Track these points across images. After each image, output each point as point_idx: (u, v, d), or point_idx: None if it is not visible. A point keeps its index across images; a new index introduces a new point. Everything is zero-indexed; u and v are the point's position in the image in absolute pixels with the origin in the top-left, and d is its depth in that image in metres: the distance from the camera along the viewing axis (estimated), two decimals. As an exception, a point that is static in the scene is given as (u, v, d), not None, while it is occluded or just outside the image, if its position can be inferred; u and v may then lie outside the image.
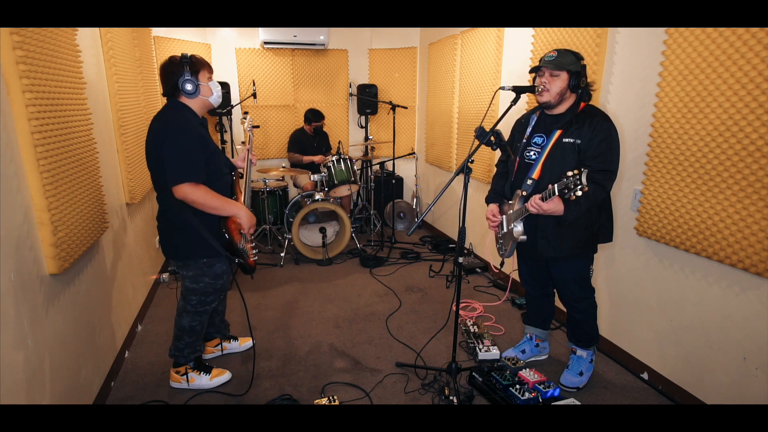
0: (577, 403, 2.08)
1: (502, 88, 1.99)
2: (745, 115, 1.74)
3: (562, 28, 2.66)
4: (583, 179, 1.68)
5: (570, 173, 1.72)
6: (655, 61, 2.11)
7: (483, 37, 3.55)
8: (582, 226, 2.02)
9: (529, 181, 2.03)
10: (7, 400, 1.37)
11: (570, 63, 1.93)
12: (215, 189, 1.97)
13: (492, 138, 1.90)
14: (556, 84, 1.96)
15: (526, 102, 3.05)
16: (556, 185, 1.79)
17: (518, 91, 1.99)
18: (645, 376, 2.33)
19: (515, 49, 3.19)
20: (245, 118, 2.52)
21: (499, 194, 2.27)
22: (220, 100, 2.09)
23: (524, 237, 2.07)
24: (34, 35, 1.67)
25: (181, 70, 1.94)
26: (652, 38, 2.13)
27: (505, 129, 2.32)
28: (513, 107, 1.99)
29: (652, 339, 2.29)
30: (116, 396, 2.21)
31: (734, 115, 1.77)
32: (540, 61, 2.00)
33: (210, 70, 2.04)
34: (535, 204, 1.89)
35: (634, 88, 2.27)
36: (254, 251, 2.21)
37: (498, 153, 2.42)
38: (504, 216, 2.20)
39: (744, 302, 1.83)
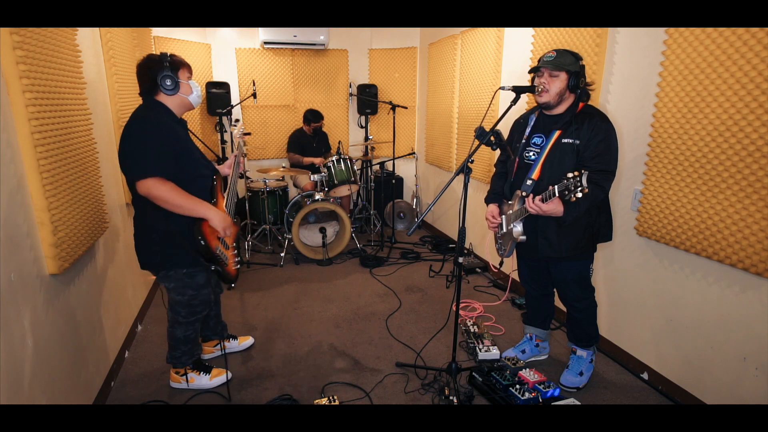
0: (577, 403, 2.08)
1: (502, 88, 1.99)
2: (745, 115, 1.74)
3: (562, 28, 2.66)
4: (584, 181, 1.68)
5: (570, 175, 1.72)
6: (655, 61, 2.11)
7: (483, 37, 3.55)
8: (582, 227, 2.02)
9: (529, 182, 2.03)
10: (7, 400, 1.37)
11: (569, 63, 1.94)
12: (191, 191, 1.88)
13: (492, 138, 1.90)
14: (555, 84, 1.96)
15: (526, 102, 3.04)
16: (556, 187, 1.79)
17: (518, 91, 1.99)
18: (645, 376, 2.33)
19: (515, 49, 3.19)
20: (235, 125, 2.46)
21: (498, 194, 2.27)
22: (200, 100, 2.03)
23: (524, 237, 2.07)
24: (34, 35, 1.67)
25: (160, 67, 1.88)
26: (652, 38, 2.13)
27: (505, 129, 2.32)
28: (513, 107, 1.99)
29: (651, 339, 2.29)
30: (116, 396, 2.21)
31: (734, 115, 1.77)
32: (539, 61, 2.00)
33: (190, 70, 1.99)
34: (535, 205, 1.89)
35: (634, 88, 2.27)
36: (236, 258, 2.10)
37: (497, 153, 2.42)
38: (504, 216, 2.20)
39: (744, 302, 1.83)
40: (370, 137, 5.21)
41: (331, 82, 5.07)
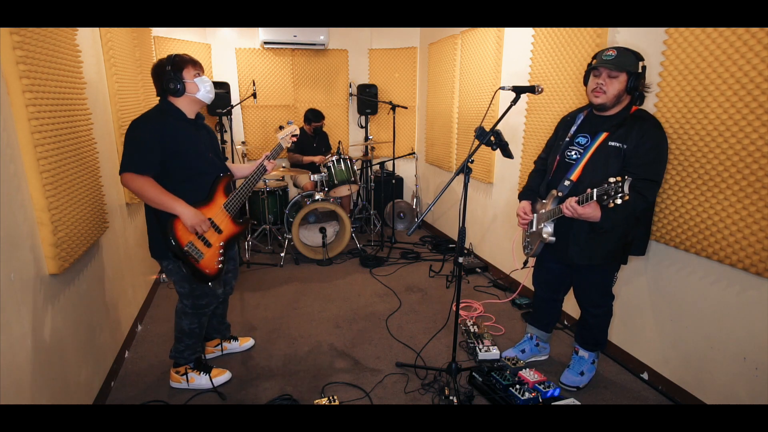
0: (577, 403, 2.08)
1: (502, 88, 1.99)
2: (745, 115, 1.74)
3: (562, 28, 2.66)
4: (626, 188, 1.60)
5: (612, 180, 1.64)
6: (655, 61, 2.11)
7: (483, 37, 3.55)
8: (617, 236, 1.95)
9: (567, 182, 1.96)
10: (7, 400, 1.37)
11: (630, 63, 1.83)
12: (187, 187, 1.95)
13: (492, 138, 1.89)
14: (614, 86, 1.85)
15: (525, 102, 3.05)
16: (595, 190, 1.72)
17: (518, 91, 1.98)
18: (645, 376, 2.33)
19: (515, 49, 3.19)
20: (287, 125, 2.33)
21: (533, 191, 2.20)
22: (212, 95, 2.04)
23: (553, 239, 2.02)
24: (34, 35, 1.67)
25: (163, 71, 1.93)
26: (652, 38, 2.13)
27: (506, 129, 2.32)
28: (513, 107, 1.98)
29: (652, 339, 2.29)
30: (116, 396, 2.21)
31: (734, 115, 1.77)
32: (596, 58, 1.90)
33: (196, 66, 2.00)
34: (571, 207, 1.82)
35: (634, 88, 2.26)
36: (220, 258, 2.06)
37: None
38: (535, 215, 2.14)
39: (744, 302, 1.83)
40: (370, 137, 5.21)
41: (331, 82, 5.07)
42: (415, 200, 5.23)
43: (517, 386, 2.08)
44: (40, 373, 1.59)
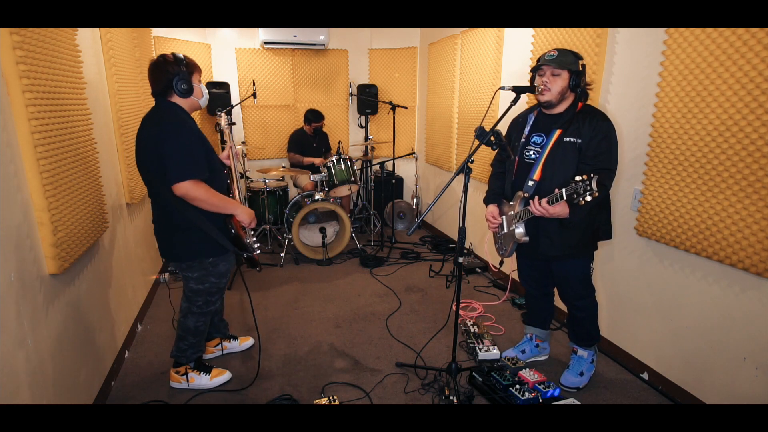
0: (577, 403, 2.08)
1: (502, 88, 1.99)
2: (745, 115, 1.74)
3: (562, 28, 2.66)
4: (594, 185, 1.66)
5: (578, 178, 1.70)
6: (655, 61, 2.11)
7: (483, 37, 3.55)
8: (584, 226, 2.02)
9: (531, 182, 2.02)
10: (7, 400, 1.37)
11: (571, 62, 1.94)
12: (214, 187, 1.97)
13: (492, 138, 1.89)
14: (557, 83, 1.96)
15: (526, 102, 3.04)
16: (564, 190, 1.78)
17: (518, 91, 1.98)
18: (645, 376, 2.33)
19: (515, 49, 3.19)
20: (220, 113, 2.63)
21: (497, 195, 2.25)
22: (207, 102, 2.13)
23: (527, 238, 2.06)
24: (34, 35, 1.67)
25: (177, 70, 1.93)
26: (652, 38, 2.13)
27: (506, 129, 2.32)
28: (513, 107, 1.99)
29: (651, 339, 2.29)
30: (116, 396, 2.21)
31: (734, 115, 1.77)
32: (540, 59, 2.00)
33: (200, 72, 2.06)
34: (542, 208, 1.88)
35: (634, 88, 2.27)
36: (257, 245, 2.22)
37: (494, 153, 2.41)
38: (504, 217, 2.19)
39: (744, 302, 1.83)
40: (370, 137, 5.21)
41: (331, 82, 5.07)
42: (415, 200, 5.23)
43: (517, 386, 2.08)
44: (40, 373, 1.59)
